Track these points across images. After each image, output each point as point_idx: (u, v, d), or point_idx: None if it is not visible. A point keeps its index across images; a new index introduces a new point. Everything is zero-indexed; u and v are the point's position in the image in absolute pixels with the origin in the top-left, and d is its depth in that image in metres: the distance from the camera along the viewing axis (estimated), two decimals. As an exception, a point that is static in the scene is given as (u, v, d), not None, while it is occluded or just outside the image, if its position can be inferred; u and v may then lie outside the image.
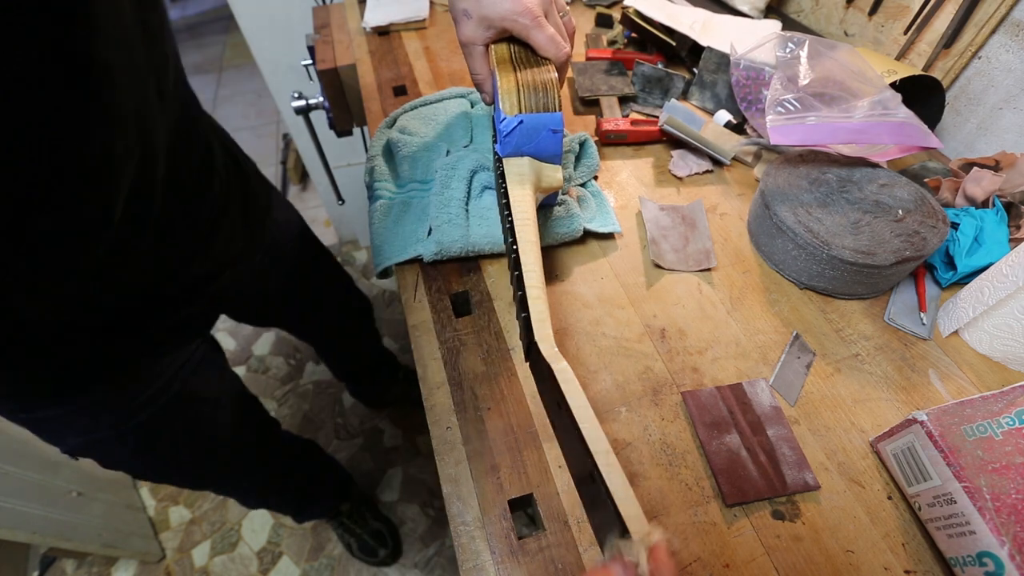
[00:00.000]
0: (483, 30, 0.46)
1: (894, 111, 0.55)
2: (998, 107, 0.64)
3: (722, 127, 0.69)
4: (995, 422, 0.33)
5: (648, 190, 0.62)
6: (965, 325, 0.47)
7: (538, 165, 0.45)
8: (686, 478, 0.39)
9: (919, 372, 0.46)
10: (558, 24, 0.46)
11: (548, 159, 0.45)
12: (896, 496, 0.39)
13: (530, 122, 0.42)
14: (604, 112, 0.70)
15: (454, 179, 0.53)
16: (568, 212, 0.53)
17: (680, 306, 0.50)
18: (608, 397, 0.43)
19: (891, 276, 0.49)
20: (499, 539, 0.36)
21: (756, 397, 0.43)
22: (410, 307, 0.50)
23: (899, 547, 0.36)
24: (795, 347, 0.47)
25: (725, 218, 0.59)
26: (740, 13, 0.89)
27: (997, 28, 0.62)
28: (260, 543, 1.20)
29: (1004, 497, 0.32)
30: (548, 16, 0.45)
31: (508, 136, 0.43)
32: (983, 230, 0.51)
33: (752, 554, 0.36)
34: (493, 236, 0.51)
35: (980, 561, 0.32)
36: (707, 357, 0.46)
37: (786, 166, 0.56)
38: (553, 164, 0.45)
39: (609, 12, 0.92)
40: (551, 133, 0.43)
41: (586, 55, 0.82)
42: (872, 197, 0.53)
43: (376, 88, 0.76)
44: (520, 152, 0.44)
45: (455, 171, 0.53)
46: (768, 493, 0.38)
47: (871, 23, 0.77)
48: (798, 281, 0.52)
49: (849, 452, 0.41)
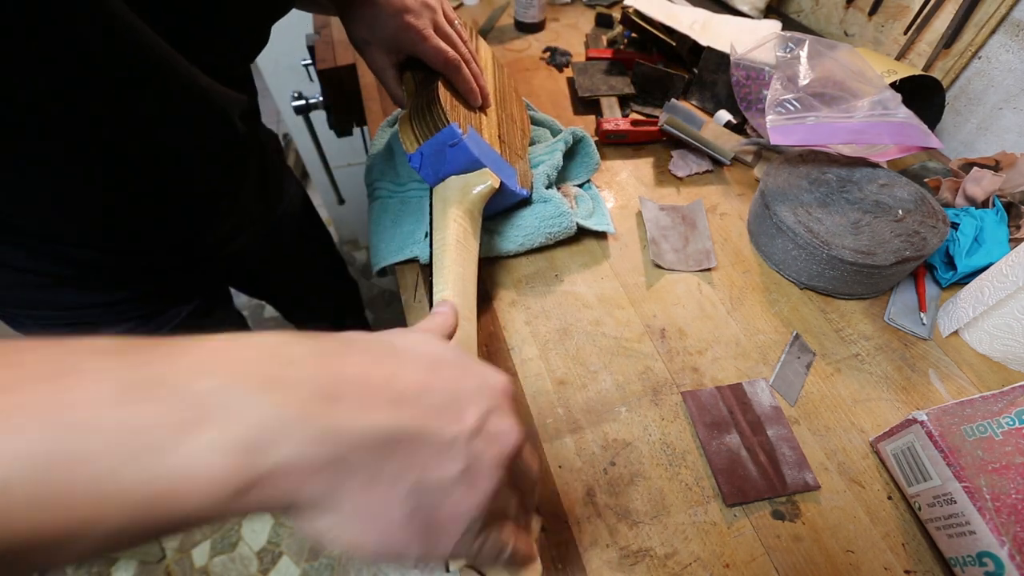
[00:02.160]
0: (384, 53, 0.48)
1: (894, 111, 0.55)
2: (998, 107, 0.64)
3: (722, 127, 0.69)
4: (995, 422, 0.33)
5: (648, 190, 0.62)
6: (965, 325, 0.47)
7: (463, 179, 0.45)
8: (686, 478, 0.39)
9: (919, 372, 0.46)
10: (448, 34, 0.48)
11: (468, 168, 0.45)
12: (896, 496, 0.39)
13: (429, 149, 0.43)
14: (604, 112, 0.70)
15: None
16: (558, 210, 0.52)
17: (680, 306, 0.50)
18: (608, 397, 0.43)
19: (891, 276, 0.49)
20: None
21: (756, 397, 0.43)
22: (410, 307, 0.50)
23: (899, 547, 0.36)
24: (795, 347, 0.47)
25: (725, 218, 0.59)
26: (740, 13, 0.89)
27: (997, 28, 0.62)
28: (260, 543, 1.20)
29: (1004, 497, 0.32)
30: (436, 28, 0.47)
31: (422, 170, 0.44)
32: (983, 230, 0.51)
33: (752, 554, 0.36)
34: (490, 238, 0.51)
35: (980, 561, 0.32)
36: (707, 357, 0.46)
37: (786, 166, 0.56)
38: (476, 170, 0.45)
39: (609, 12, 0.92)
40: (450, 148, 0.43)
41: (586, 55, 0.82)
42: (872, 197, 0.53)
43: (376, 88, 0.76)
44: (440, 176, 0.45)
45: None
46: (768, 493, 0.38)
47: (871, 23, 0.77)
48: (798, 281, 0.52)
49: (849, 452, 0.41)
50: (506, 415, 0.22)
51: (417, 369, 0.21)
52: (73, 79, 0.31)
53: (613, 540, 0.36)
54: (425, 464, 0.19)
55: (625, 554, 0.36)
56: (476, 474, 0.20)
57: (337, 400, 0.17)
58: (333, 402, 0.17)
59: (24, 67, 0.29)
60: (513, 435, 0.21)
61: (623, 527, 0.37)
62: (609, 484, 0.39)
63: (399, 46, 0.47)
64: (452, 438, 0.19)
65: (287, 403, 0.17)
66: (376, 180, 0.58)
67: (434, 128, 0.43)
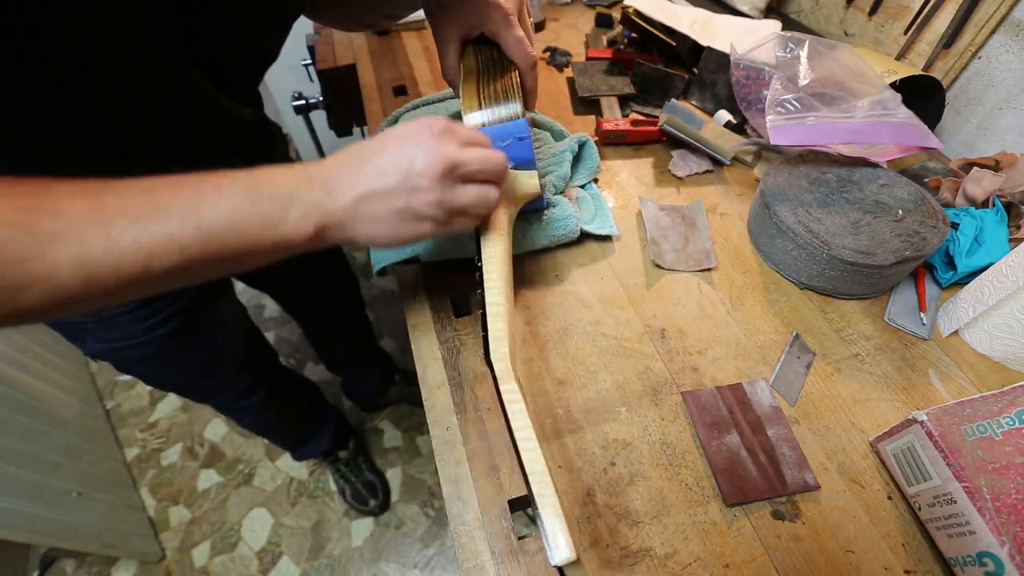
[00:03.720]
0: (456, 25, 0.46)
1: (894, 111, 0.55)
2: (998, 107, 0.64)
3: (722, 127, 0.69)
4: (995, 422, 0.33)
5: (648, 190, 0.62)
6: (965, 325, 0.47)
7: (512, 173, 0.44)
8: (686, 478, 0.39)
9: (919, 372, 0.46)
10: (528, 28, 0.47)
11: (521, 166, 0.44)
12: (896, 496, 0.39)
13: (494, 132, 0.42)
14: (604, 112, 0.70)
15: None
16: (564, 213, 0.52)
17: (680, 306, 0.50)
18: (608, 397, 0.43)
19: (891, 276, 0.49)
20: (499, 539, 0.36)
21: (756, 397, 0.43)
22: (410, 307, 0.50)
23: (899, 547, 0.36)
24: (795, 347, 0.47)
25: (725, 218, 0.59)
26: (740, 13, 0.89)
27: (997, 28, 0.62)
28: (260, 543, 1.20)
29: (1004, 497, 0.32)
30: (520, 18, 0.46)
31: None
32: (983, 230, 0.51)
33: (752, 554, 0.36)
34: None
35: (980, 561, 0.32)
36: (707, 357, 0.46)
37: (786, 166, 0.56)
38: (528, 170, 0.45)
39: (609, 12, 0.92)
40: (518, 141, 0.43)
41: (586, 55, 0.82)
42: (872, 197, 0.53)
43: (376, 88, 0.76)
44: None
45: None
46: (768, 493, 0.38)
47: (871, 23, 0.77)
48: (798, 281, 0.52)
49: (849, 452, 0.41)
50: (427, 150, 0.34)
51: (385, 146, 0.34)
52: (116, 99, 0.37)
53: (613, 540, 0.36)
54: (393, 198, 0.34)
55: (625, 554, 0.36)
56: (417, 191, 0.34)
57: (337, 188, 0.33)
58: (336, 189, 0.33)
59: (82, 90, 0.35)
60: (432, 161, 0.34)
61: (623, 527, 0.37)
62: (609, 484, 0.39)
63: (479, 22, 0.45)
64: (400, 181, 0.33)
65: (321, 193, 0.33)
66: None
67: (506, 115, 0.42)
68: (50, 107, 0.34)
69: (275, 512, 1.25)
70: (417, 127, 0.35)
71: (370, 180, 0.33)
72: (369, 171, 0.34)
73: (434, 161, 0.33)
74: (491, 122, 0.43)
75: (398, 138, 0.35)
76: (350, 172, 0.34)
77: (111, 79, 0.35)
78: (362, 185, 0.33)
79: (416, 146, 0.34)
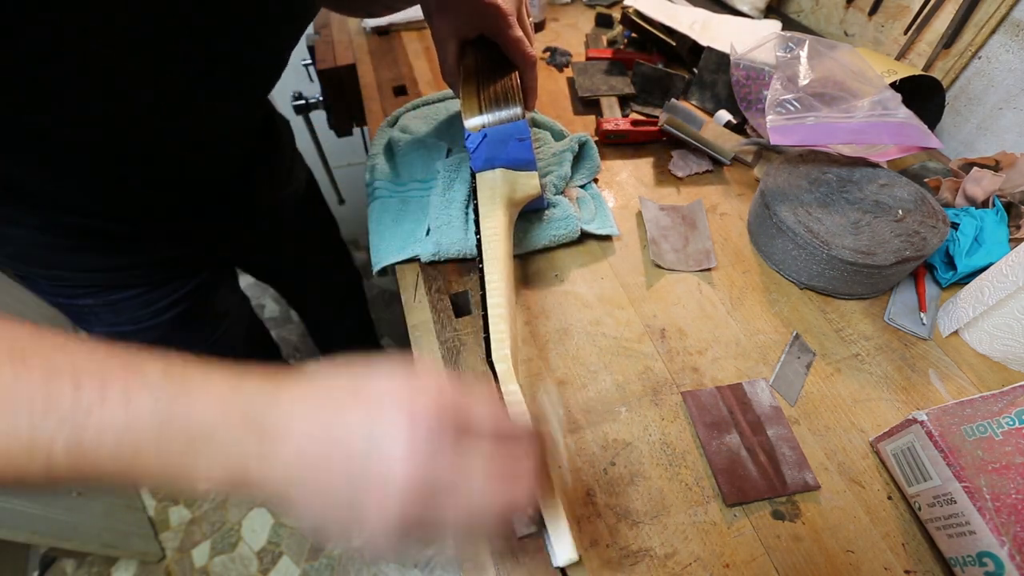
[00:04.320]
0: (454, 25, 0.46)
1: (894, 111, 0.55)
2: (998, 107, 0.64)
3: (722, 127, 0.69)
4: (995, 422, 0.33)
5: (648, 190, 0.62)
6: (965, 325, 0.47)
7: (512, 175, 0.44)
8: (686, 478, 0.39)
9: (919, 372, 0.46)
10: (527, 27, 0.47)
11: (521, 167, 0.44)
12: (896, 496, 0.39)
13: (495, 134, 0.42)
14: (604, 112, 0.70)
15: (457, 181, 0.53)
16: (564, 213, 0.52)
17: (680, 306, 0.50)
18: (608, 397, 0.43)
19: (891, 276, 0.49)
20: (499, 539, 0.36)
21: (756, 397, 0.43)
22: (410, 307, 0.50)
23: (899, 547, 0.36)
24: (795, 347, 0.47)
25: (725, 218, 0.59)
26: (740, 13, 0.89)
27: (997, 28, 0.62)
28: (260, 543, 1.20)
29: (1004, 497, 0.32)
30: (519, 18, 0.46)
31: (476, 151, 0.43)
32: (983, 230, 0.51)
33: (752, 554, 0.36)
34: None
35: (980, 561, 0.32)
36: (707, 357, 0.46)
37: (786, 166, 0.56)
38: (528, 171, 0.45)
39: (609, 12, 0.92)
40: (518, 142, 0.43)
41: (586, 55, 0.82)
42: (872, 197, 0.53)
43: (376, 88, 0.76)
44: (492, 164, 0.44)
45: (459, 173, 0.54)
46: (768, 493, 0.38)
47: (871, 23, 0.77)
48: (798, 281, 0.52)
49: (849, 452, 0.41)
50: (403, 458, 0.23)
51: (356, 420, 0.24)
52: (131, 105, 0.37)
53: (613, 540, 0.36)
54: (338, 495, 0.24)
55: (625, 554, 0.36)
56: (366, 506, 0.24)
57: (277, 437, 0.23)
58: (276, 438, 0.23)
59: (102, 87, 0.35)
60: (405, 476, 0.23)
61: (623, 527, 0.37)
62: (609, 484, 0.39)
63: (478, 23, 0.45)
64: (347, 484, 0.23)
65: (252, 441, 0.23)
66: (377, 179, 0.58)
67: (506, 116, 0.42)
68: (50, 107, 0.34)
69: (275, 512, 1.25)
70: (411, 403, 0.24)
71: (318, 460, 0.23)
72: (322, 446, 0.23)
73: (408, 478, 0.23)
74: (491, 124, 0.43)
75: (375, 410, 0.24)
76: (304, 424, 0.24)
77: (111, 79, 0.35)
78: (308, 456, 0.23)
79: (392, 441, 0.23)
